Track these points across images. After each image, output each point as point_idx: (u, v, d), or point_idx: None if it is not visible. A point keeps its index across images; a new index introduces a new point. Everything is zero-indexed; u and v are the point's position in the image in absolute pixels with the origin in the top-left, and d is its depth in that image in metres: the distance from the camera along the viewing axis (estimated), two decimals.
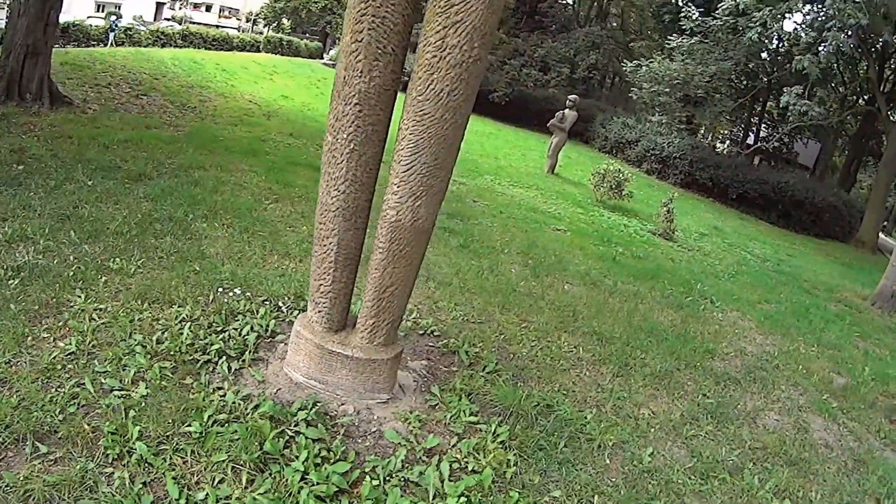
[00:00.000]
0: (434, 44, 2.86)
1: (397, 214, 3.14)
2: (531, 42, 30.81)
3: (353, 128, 3.10)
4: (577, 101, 16.60)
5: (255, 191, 7.66)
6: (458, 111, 2.99)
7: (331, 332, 3.62)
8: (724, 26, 20.69)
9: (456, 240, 7.52)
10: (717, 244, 13.76)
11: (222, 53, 26.14)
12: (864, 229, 24.40)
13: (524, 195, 12.37)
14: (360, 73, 3.02)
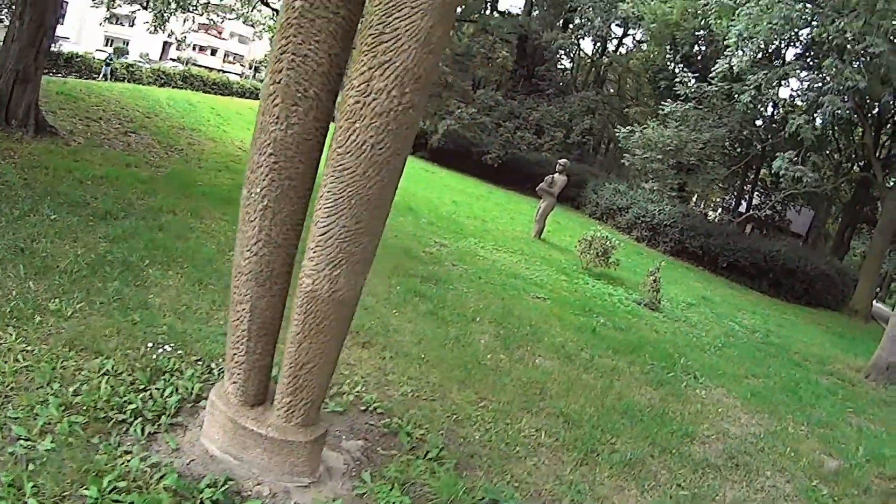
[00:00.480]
0: (357, 87, 2.52)
1: (313, 284, 2.76)
2: (527, 105, 31.13)
3: (266, 181, 2.76)
4: (566, 166, 16.46)
5: (221, 240, 7.37)
6: (385, 167, 2.62)
7: (246, 406, 3.24)
8: (718, 92, 20.79)
9: (426, 305, 7.13)
10: (705, 314, 13.38)
11: (219, 97, 26.26)
12: (857, 297, 24.11)
13: (507, 260, 12.03)
14: (276, 118, 2.69)
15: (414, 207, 14.77)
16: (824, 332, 17.82)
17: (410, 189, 18.17)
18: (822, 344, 14.77)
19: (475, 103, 30.64)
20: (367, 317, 6.12)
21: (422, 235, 11.68)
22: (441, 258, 10.14)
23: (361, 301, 6.58)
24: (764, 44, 15.67)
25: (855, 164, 31.42)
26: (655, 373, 7.29)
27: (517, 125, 30.35)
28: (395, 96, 2.48)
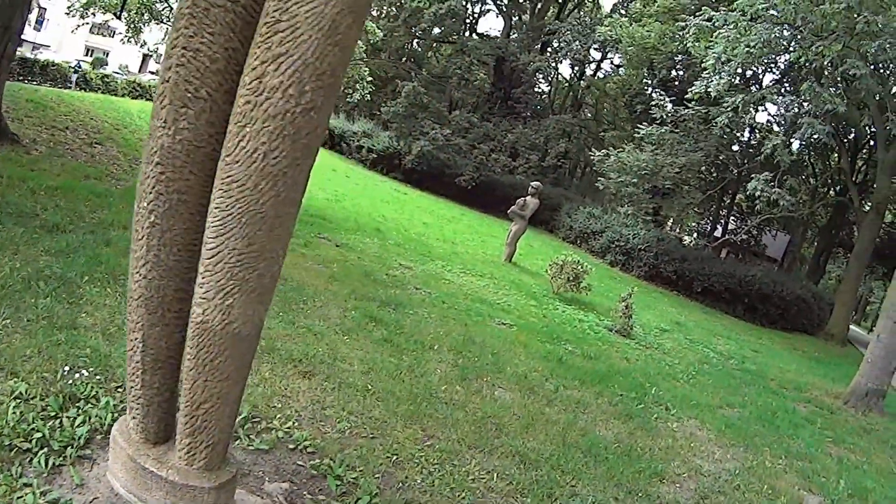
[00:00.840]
0: (248, 85, 2.11)
1: (204, 314, 2.34)
2: (502, 127, 30.99)
3: (153, 194, 2.34)
4: (539, 189, 16.17)
5: None
6: (281, 180, 2.20)
7: (148, 443, 2.84)
8: (695, 116, 20.72)
9: (381, 331, 6.69)
10: (678, 341, 13.08)
11: None
12: (833, 321, 24.08)
13: (474, 284, 11.64)
14: (163, 122, 2.28)
15: (382, 229, 14.39)
16: (801, 357, 17.62)
17: (380, 210, 17.80)
18: (799, 370, 14.52)
19: (450, 124, 30.45)
20: (313, 343, 5.70)
21: (387, 257, 11.27)
22: (404, 281, 9.72)
23: (309, 326, 6.25)
24: (741, 67, 15.58)
25: (831, 189, 31.65)
26: (625, 404, 6.90)
27: (492, 147, 30.20)
28: (291, 95, 2.08)
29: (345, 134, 31.35)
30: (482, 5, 38.85)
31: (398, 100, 30.16)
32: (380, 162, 29.98)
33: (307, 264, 8.88)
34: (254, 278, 2.30)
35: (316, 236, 11.23)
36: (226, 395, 2.54)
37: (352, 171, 26.00)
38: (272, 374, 4.82)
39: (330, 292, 7.66)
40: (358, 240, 12.15)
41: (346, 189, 20.21)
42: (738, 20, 13.90)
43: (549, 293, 13.07)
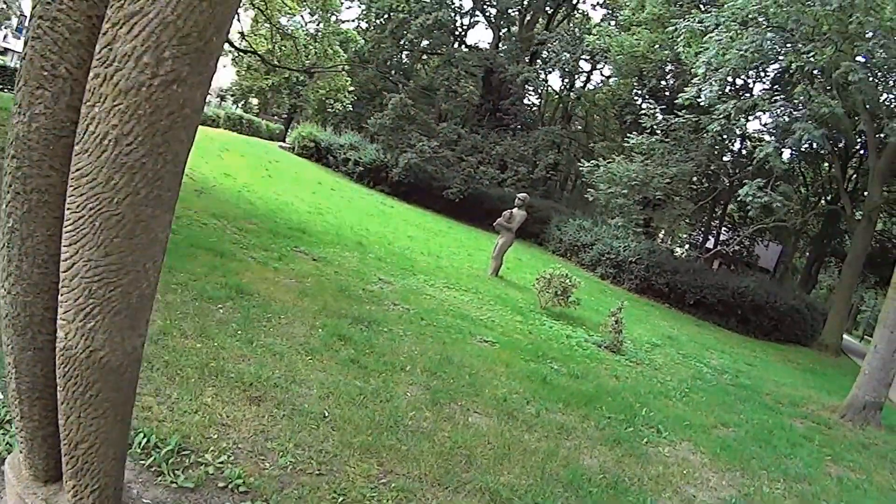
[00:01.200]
0: (98, 55, 1.65)
1: (66, 339, 1.87)
2: (490, 139, 30.62)
3: (10, 195, 1.87)
4: (526, 200, 15.74)
5: None
6: (138, 173, 1.73)
7: (37, 481, 2.39)
8: (685, 124, 20.36)
9: (348, 351, 6.20)
10: (671, 356, 12.64)
11: None
12: (827, 332, 23.76)
13: (457, 299, 11.16)
14: (19, 107, 1.81)
15: (364, 242, 13.94)
16: (795, 369, 17.26)
17: (364, 223, 17.35)
18: (794, 383, 14.13)
19: (438, 136, 30.07)
20: (270, 365, 5.22)
21: (366, 272, 10.80)
22: (381, 297, 9.24)
23: (268, 346, 5.75)
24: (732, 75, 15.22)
25: (822, 198, 31.45)
26: (612, 428, 6.43)
27: (480, 159, 29.80)
28: (147, 64, 1.62)
29: (331, 147, 30.94)
30: (471, 18, 38.67)
31: (385, 112, 29.79)
32: (366, 175, 29.56)
33: (278, 279, 8.41)
34: (117, 297, 1.82)
35: (292, 250, 10.77)
36: (105, 435, 2.06)
37: (337, 185, 25.56)
38: (215, 399, 4.33)
39: (298, 308, 7.18)
40: (337, 254, 11.68)
41: (330, 202, 19.78)
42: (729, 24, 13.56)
43: (537, 308, 12.61)
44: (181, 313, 5.87)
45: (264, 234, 11.42)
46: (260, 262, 9.08)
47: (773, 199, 16.78)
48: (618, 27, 25.39)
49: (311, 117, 37.35)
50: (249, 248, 9.91)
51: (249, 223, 12.04)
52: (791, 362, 18.43)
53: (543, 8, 36.07)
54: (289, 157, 29.37)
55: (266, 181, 19.65)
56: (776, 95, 17.72)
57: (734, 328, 21.94)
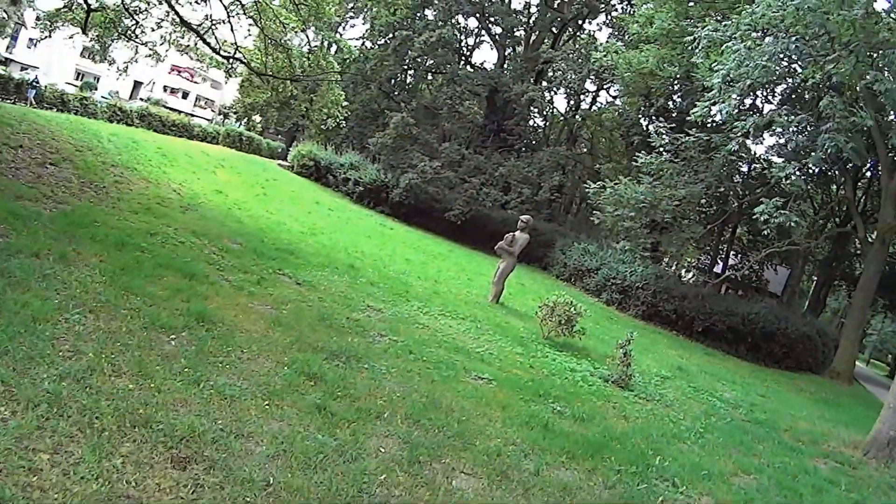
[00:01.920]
0: None
1: None
2: (494, 160, 29.84)
3: None
4: (529, 223, 14.92)
5: (73, 294, 5.97)
6: None
7: None
8: (696, 143, 19.50)
9: (317, 393, 5.36)
10: (682, 390, 11.77)
11: (172, 139, 24.53)
12: (839, 358, 22.99)
13: (453, 329, 10.32)
14: None
15: (357, 265, 13.14)
16: (809, 399, 16.53)
17: (359, 245, 16.57)
18: (811, 416, 13.29)
19: (440, 157, 29.34)
20: (215, 412, 4.41)
21: (354, 298, 9.99)
22: (367, 326, 8.41)
23: (218, 388, 4.80)
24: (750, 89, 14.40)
25: (831, 220, 30.63)
26: (623, 484, 5.57)
27: (483, 181, 28.97)
28: None
29: (331, 166, 30.21)
30: (476, 38, 38.14)
31: (387, 131, 29.07)
32: (366, 195, 28.80)
33: (251, 305, 7.60)
34: None
35: (274, 273, 9.98)
36: None
37: (336, 205, 24.80)
38: (128, 461, 3.48)
39: (267, 341, 6.36)
40: (325, 277, 10.88)
41: (326, 223, 19.02)
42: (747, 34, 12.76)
43: (539, 338, 11.78)
44: (121, 345, 5.06)
45: (247, 254, 10.64)
46: (234, 286, 8.28)
47: (789, 219, 15.87)
48: (625, 45, 24.64)
49: (314, 136, 36.76)
50: (226, 269, 9.12)
51: (233, 242, 11.27)
52: (804, 392, 17.72)
53: (549, 27, 35.46)
54: (287, 176, 28.66)
55: (260, 199, 18.92)
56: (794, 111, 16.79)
57: (744, 356, 21.04)
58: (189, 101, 68.91)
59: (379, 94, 34.55)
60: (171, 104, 55.58)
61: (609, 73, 26.74)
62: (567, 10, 35.09)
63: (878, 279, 22.66)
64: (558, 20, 35.07)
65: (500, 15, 33.09)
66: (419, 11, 32.45)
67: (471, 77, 32.52)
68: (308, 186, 28.03)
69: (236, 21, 15.83)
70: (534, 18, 35.20)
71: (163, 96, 61.60)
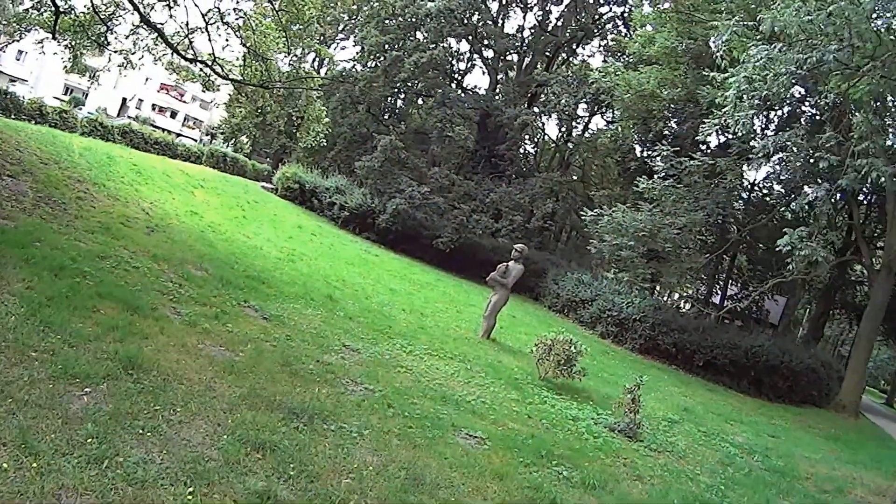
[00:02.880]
0: None
1: None
2: (484, 186, 28.74)
3: None
4: (523, 253, 13.79)
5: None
6: None
7: None
8: (700, 168, 18.44)
9: (263, 472, 4.15)
10: (692, 435, 10.68)
11: (150, 156, 23.24)
12: (845, 391, 21.88)
13: (440, 371, 9.13)
14: None
15: (336, 296, 11.96)
16: (819, 437, 15.54)
17: (340, 273, 15.40)
18: (827, 459, 12.31)
19: (429, 182, 28.26)
20: None
21: (328, 335, 8.81)
22: (341, 372, 7.21)
23: (128, 468, 3.02)
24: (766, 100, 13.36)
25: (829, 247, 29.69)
26: None
27: (473, 207, 27.82)
28: None
29: (317, 189, 29.01)
30: (468, 62, 37.31)
31: (374, 154, 27.96)
32: (352, 220, 27.60)
33: (201, 346, 6.40)
34: None
35: (239, 305, 8.78)
36: None
37: (319, 229, 23.57)
38: None
39: (211, 395, 5.17)
40: (297, 310, 9.70)
41: (307, 248, 17.83)
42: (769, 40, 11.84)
43: (535, 379, 10.64)
44: (13, 402, 3.87)
45: (211, 283, 9.47)
46: (186, 322, 7.09)
47: (816, 253, 14.77)
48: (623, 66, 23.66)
49: (300, 159, 35.72)
50: (181, 301, 7.93)
51: (197, 269, 10.10)
52: (812, 429, 16.71)
53: (543, 51, 34.67)
54: (270, 198, 27.43)
55: (238, 222, 17.74)
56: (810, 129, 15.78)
57: (746, 391, 19.91)
58: (177, 121, 68.51)
59: (367, 116, 33.50)
60: (158, 123, 54.89)
61: (607, 96, 25.73)
62: (561, 33, 34.37)
63: (884, 309, 21.74)
64: (552, 44, 34.32)
65: (493, 37, 32.28)
66: (410, 32, 31.52)
67: (462, 100, 31.54)
68: (291, 210, 26.82)
69: (214, 30, 14.75)
70: (527, 42, 34.44)
71: (151, 115, 61.13)
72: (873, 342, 22.56)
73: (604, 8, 34.64)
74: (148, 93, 65.65)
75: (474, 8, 29.26)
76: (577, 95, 29.78)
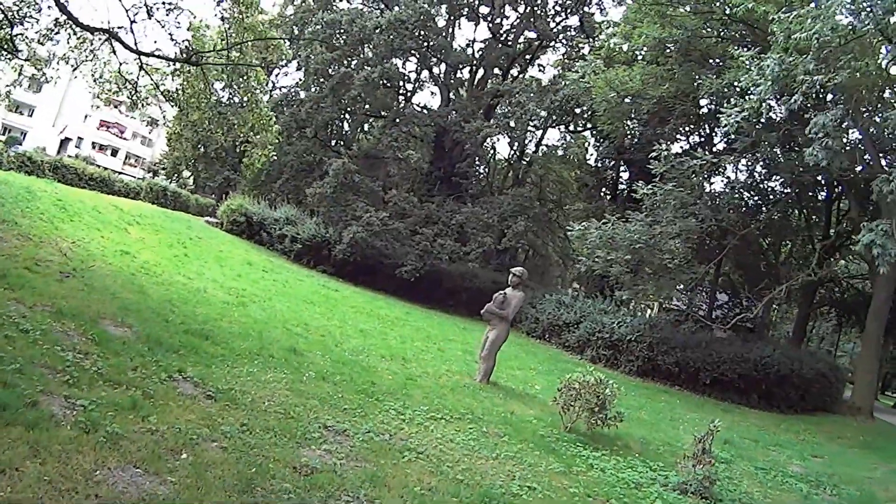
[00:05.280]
0: None
1: None
2: (447, 208, 26.47)
3: None
4: (523, 277, 11.49)
5: None
6: None
7: None
8: (704, 167, 16.49)
9: None
10: (752, 476, 9.10)
11: (80, 191, 20.73)
12: (857, 393, 20.69)
13: (456, 445, 6.79)
14: None
15: (301, 348, 9.52)
16: (853, 447, 14.42)
17: (301, 315, 12.91)
18: (887, 476, 11.22)
19: (387, 207, 25.92)
20: None
21: (300, 414, 6.41)
22: (330, 484, 4.81)
23: None
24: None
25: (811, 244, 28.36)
26: None
27: (437, 231, 25.48)
28: None
29: (265, 221, 26.39)
30: (416, 82, 35.13)
31: (326, 180, 25.44)
32: (306, 253, 25.02)
33: (104, 471, 3.94)
34: None
35: (171, 379, 6.28)
36: None
37: (271, 265, 20.94)
38: None
39: None
40: (254, 377, 7.24)
41: (259, 287, 15.26)
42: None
43: (560, 431, 8.54)
44: None
45: (135, 346, 6.95)
46: (82, 424, 4.60)
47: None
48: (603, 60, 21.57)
49: (246, 191, 33.14)
50: (82, 382, 5.45)
51: (118, 326, 7.57)
52: (841, 439, 15.38)
53: (496, 64, 32.60)
54: (215, 234, 24.64)
55: (179, 261, 15.07)
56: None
57: (755, 405, 18.10)
58: (119, 159, 65.93)
59: (314, 142, 30.99)
60: (99, 162, 51.73)
61: (576, 103, 23.79)
62: (515, 43, 32.55)
63: (889, 304, 20.36)
64: (506, 56, 32.33)
65: (443, 50, 30.30)
66: (358, 48, 29.23)
67: (417, 116, 29.29)
68: (239, 245, 24.07)
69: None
70: (480, 54, 32.38)
71: (91, 153, 58.65)
72: (881, 339, 21.12)
73: (559, 17, 32.93)
74: (88, 131, 63.03)
75: (424, 22, 27.14)
76: (542, 103, 27.85)
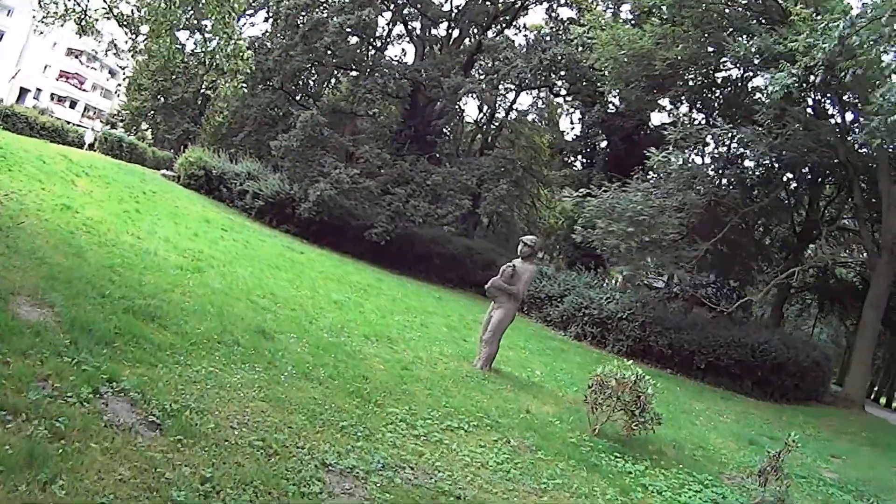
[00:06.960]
0: None
1: None
2: (420, 167, 24.62)
3: None
4: (535, 247, 9.84)
5: None
6: None
7: None
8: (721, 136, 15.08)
9: None
10: (798, 486, 7.76)
11: (25, 139, 18.86)
12: (851, 384, 20.17)
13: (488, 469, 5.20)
14: None
15: (271, 328, 7.72)
16: (862, 445, 13.38)
17: (268, 283, 11.02)
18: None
19: (357, 163, 23.96)
20: None
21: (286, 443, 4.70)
22: None
23: None
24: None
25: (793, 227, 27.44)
26: None
27: (410, 192, 23.68)
28: None
29: (225, 176, 24.21)
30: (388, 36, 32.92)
31: (292, 132, 23.31)
32: (268, 210, 23.03)
33: None
34: None
35: (96, 394, 4.38)
36: None
37: (230, 224, 18.88)
38: None
39: None
40: (218, 381, 5.45)
41: (218, 249, 13.25)
42: None
43: (587, 435, 7.16)
44: None
45: (55, 336, 5.08)
46: None
47: None
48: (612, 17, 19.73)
49: (206, 143, 30.86)
50: None
51: (37, 305, 5.69)
52: (845, 434, 14.42)
53: (476, 20, 30.59)
54: (171, 188, 22.41)
55: (128, 217, 12.94)
56: None
57: (749, 392, 17.06)
58: (77, 111, 62.50)
59: (279, 95, 28.61)
60: (58, 114, 48.73)
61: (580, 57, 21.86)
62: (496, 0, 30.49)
63: (888, 293, 19.45)
64: (486, 13, 30.24)
65: (420, 3, 28.08)
66: None
67: (391, 69, 27.13)
68: (196, 200, 21.89)
69: None
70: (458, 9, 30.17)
71: (50, 105, 55.61)
72: (877, 329, 20.31)
73: None
74: (47, 82, 60.00)
75: None
76: (531, 62, 25.96)
